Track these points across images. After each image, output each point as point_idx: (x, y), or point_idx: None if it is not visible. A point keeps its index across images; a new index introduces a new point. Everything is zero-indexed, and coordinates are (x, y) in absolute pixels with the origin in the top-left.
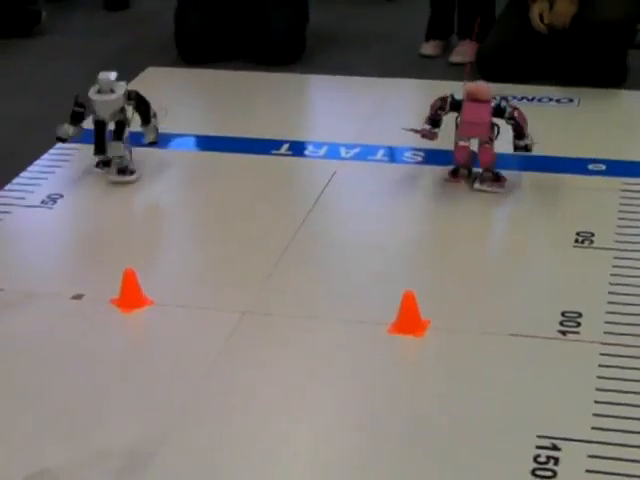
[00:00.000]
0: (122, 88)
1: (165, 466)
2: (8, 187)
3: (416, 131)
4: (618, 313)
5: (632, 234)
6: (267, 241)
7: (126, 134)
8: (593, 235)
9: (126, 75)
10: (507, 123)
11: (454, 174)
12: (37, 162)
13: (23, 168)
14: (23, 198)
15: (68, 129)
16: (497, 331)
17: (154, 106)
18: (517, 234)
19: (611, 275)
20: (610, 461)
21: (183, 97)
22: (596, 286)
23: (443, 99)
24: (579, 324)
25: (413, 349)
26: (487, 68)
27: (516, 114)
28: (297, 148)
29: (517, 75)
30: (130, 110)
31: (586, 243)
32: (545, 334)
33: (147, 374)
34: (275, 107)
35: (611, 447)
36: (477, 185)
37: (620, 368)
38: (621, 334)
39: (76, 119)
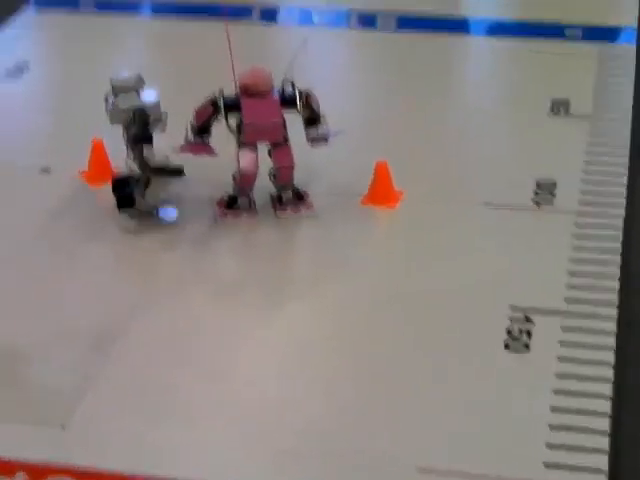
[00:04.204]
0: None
1: (133, 342)
2: None
3: (186, 149)
4: (594, 182)
5: (608, 101)
6: None
7: None
8: (569, 102)
9: None
10: (300, 113)
11: (231, 205)
12: (2, 29)
13: None
14: None
15: None
16: (471, 202)
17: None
18: (491, 103)
19: (587, 144)
20: (584, 334)
21: None
22: (572, 155)
23: (213, 102)
24: (554, 194)
25: (386, 220)
26: None
27: (312, 101)
28: (268, 14)
29: None
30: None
31: (562, 111)
32: (519, 204)
33: (114, 251)
34: None
35: (585, 320)
36: (284, 214)
37: (595, 238)
38: (596, 204)
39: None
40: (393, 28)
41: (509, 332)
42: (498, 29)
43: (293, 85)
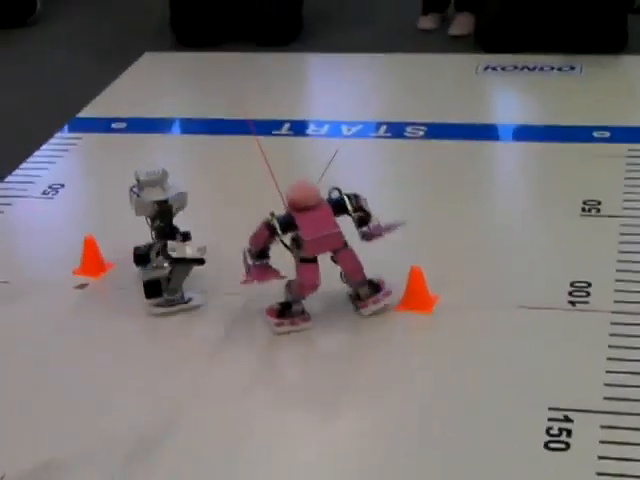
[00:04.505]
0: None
1: (175, 447)
2: (9, 179)
3: (251, 277)
4: (628, 281)
5: (639, 200)
6: None
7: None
8: (600, 203)
9: (124, 62)
10: (353, 216)
11: (283, 314)
12: (37, 153)
13: (23, 159)
14: (24, 189)
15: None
16: (506, 304)
17: None
18: (523, 205)
19: (620, 243)
20: (624, 431)
21: (181, 81)
22: (605, 255)
23: (268, 225)
24: (588, 294)
25: (422, 326)
26: (486, 39)
27: (361, 202)
28: (298, 127)
29: (517, 45)
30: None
31: (593, 211)
32: (554, 305)
33: (152, 359)
34: (275, 87)
35: (624, 417)
36: (367, 310)
37: (631, 337)
38: (631, 302)
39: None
40: (422, 136)
41: (548, 432)
42: (526, 134)
43: (340, 191)
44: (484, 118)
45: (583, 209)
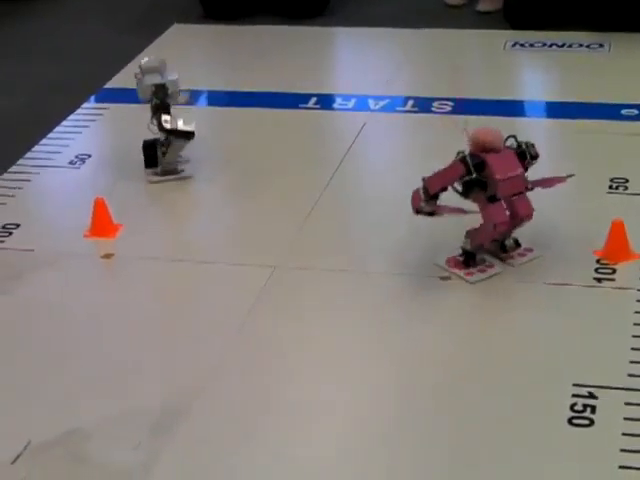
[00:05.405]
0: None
1: (198, 421)
2: (36, 148)
3: (441, 211)
4: None
5: None
6: (298, 195)
7: None
8: (627, 181)
9: (152, 33)
10: (529, 164)
11: (468, 264)
12: (64, 123)
13: (51, 129)
14: (51, 159)
15: None
16: (532, 280)
17: None
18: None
19: None
20: None
21: (209, 53)
22: (631, 232)
23: (464, 161)
24: (614, 271)
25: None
26: (514, 16)
27: (537, 151)
28: (325, 101)
29: (545, 21)
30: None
31: (620, 189)
32: (580, 282)
33: (180, 330)
34: (302, 61)
35: None
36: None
37: None
38: None
39: None
40: (449, 112)
41: (573, 408)
42: (553, 111)
43: (516, 139)
44: (511, 94)
45: (610, 187)
